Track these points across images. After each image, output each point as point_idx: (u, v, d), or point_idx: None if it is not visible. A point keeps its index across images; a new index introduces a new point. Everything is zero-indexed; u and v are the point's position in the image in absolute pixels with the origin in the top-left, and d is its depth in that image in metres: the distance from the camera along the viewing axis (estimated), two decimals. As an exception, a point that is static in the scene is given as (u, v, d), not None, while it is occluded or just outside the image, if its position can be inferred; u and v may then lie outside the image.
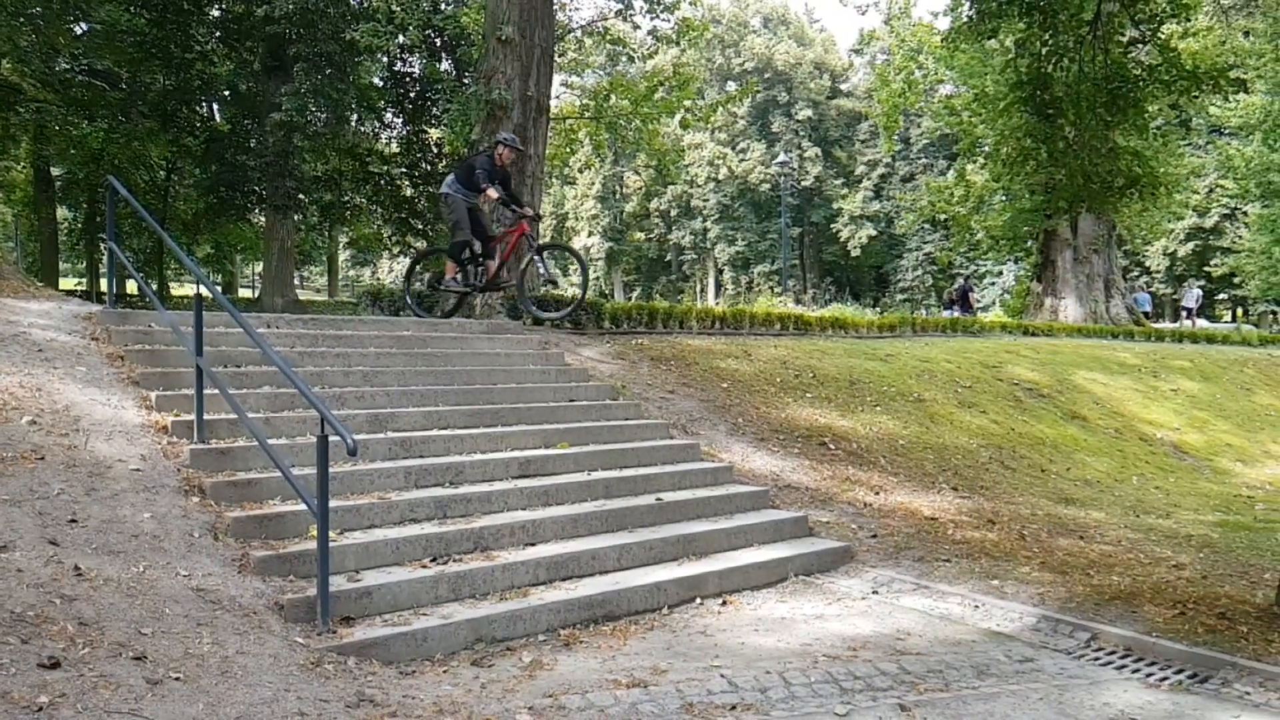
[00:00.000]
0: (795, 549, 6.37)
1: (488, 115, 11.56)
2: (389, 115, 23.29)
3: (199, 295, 5.93)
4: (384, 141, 24.10)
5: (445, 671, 4.32)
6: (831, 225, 59.07)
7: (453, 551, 5.30)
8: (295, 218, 21.75)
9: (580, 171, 46.34)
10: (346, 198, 22.67)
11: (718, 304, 46.45)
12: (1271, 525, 8.13)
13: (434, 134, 21.27)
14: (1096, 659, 4.74)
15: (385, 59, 21.21)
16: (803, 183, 58.35)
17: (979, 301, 31.70)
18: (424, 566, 5.09)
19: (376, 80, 22.24)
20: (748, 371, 10.70)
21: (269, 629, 4.20)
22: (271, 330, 7.80)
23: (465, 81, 17.33)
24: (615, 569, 5.57)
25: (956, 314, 23.08)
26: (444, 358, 8.23)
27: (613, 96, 17.51)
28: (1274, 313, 34.22)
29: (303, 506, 4.87)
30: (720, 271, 61.43)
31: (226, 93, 22.81)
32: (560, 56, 19.50)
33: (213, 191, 21.83)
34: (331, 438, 4.38)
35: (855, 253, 57.67)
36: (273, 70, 20.02)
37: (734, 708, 3.92)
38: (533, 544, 5.59)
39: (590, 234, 60.54)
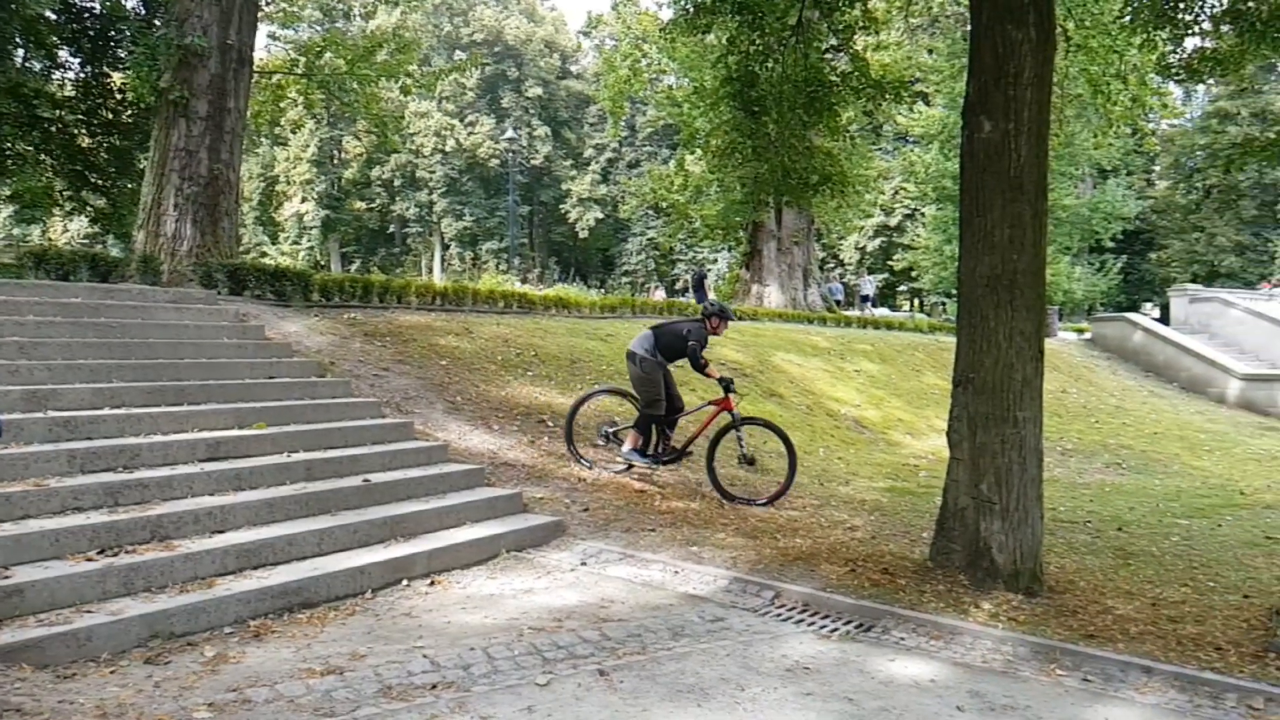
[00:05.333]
0: (508, 526, 6.38)
1: (180, 62, 10.50)
2: (63, 54, 20.44)
3: None
4: (56, 83, 21.14)
5: (113, 672, 3.92)
6: (560, 206, 59.73)
7: (125, 542, 4.80)
8: (-63, 164, 18.58)
9: (292, 132, 43.37)
10: (7, 145, 19.64)
11: (443, 280, 45.49)
12: (931, 490, 9.22)
13: (118, 78, 18.99)
14: (779, 615, 5.14)
15: (59, -12, 18.58)
16: (532, 161, 58.50)
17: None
18: (89, 559, 4.57)
19: (48, 13, 19.43)
20: (468, 349, 10.56)
21: (-118, 641, 3.58)
22: (-103, 292, 6.64)
23: (156, 23, 15.59)
24: (315, 554, 5.29)
25: (693, 299, 24.15)
26: (120, 329, 7.41)
27: (326, 54, 16.49)
28: (943, 304, 38.81)
29: (-69, 497, 4.19)
30: (447, 247, 60.21)
31: None
32: (268, 5, 18.11)
33: None
34: (-34, 417, 3.79)
35: (583, 234, 58.72)
36: (-92, -12, 16.91)
37: (434, 687, 3.86)
38: (221, 531, 5.18)
39: (304, 200, 56.95)
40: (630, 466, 8.40)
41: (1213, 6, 8.21)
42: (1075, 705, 3.99)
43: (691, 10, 9.77)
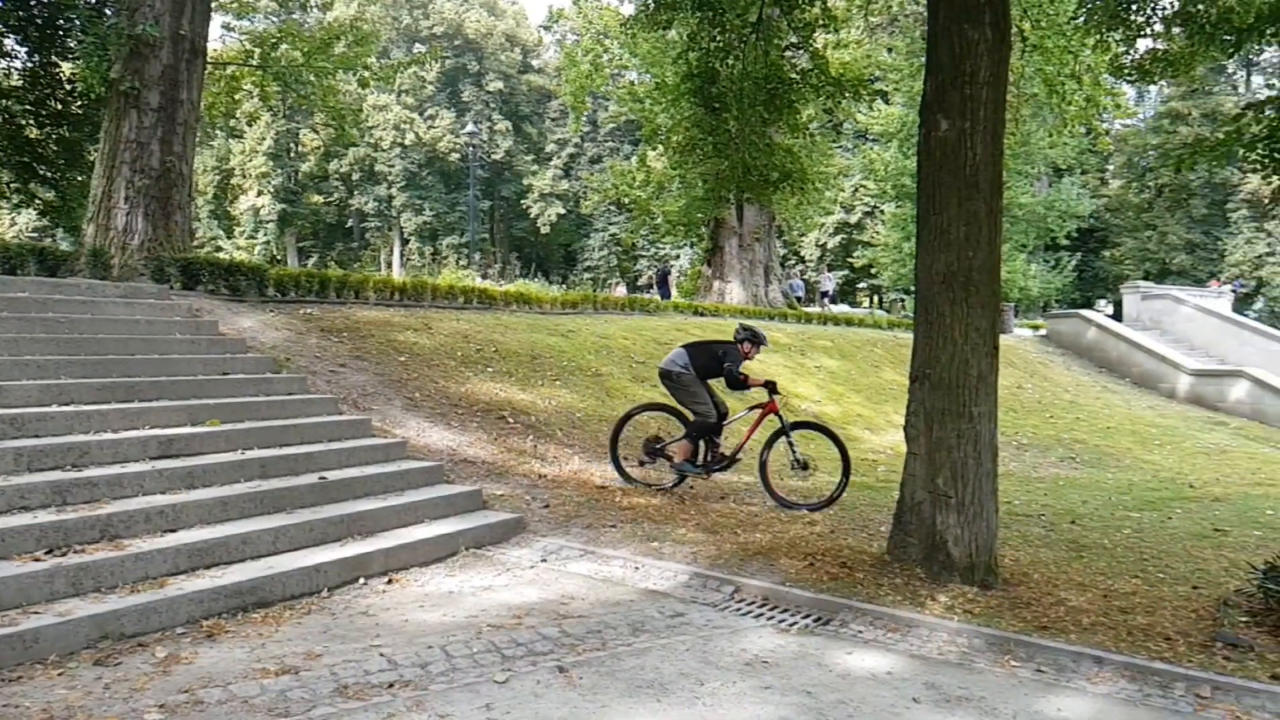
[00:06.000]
0: (467, 523, 6.34)
1: (131, 52, 10.28)
2: (9, 42, 19.91)
3: None
4: (3, 72, 20.59)
5: (61, 674, 3.84)
6: (522, 201, 59.39)
7: (74, 541, 4.70)
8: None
9: (248, 124, 42.57)
10: (-51, 136, 19.06)
11: (402, 275, 44.99)
12: (889, 484, 9.29)
13: (68, 68, 18.54)
14: (739, 609, 5.16)
15: (4, -26, 18.07)
16: (493, 156, 58.09)
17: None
18: (37, 560, 4.47)
19: (-8, -1, 18.89)
20: (428, 345, 10.48)
21: None
22: None
23: (106, 12, 15.25)
24: (270, 553, 5.21)
25: (656, 295, 24.17)
26: (70, 324, 7.24)
27: (282, 45, 16.22)
28: (902, 300, 39.16)
29: None
30: (406, 241, 59.60)
31: None
32: (223, -5, 17.80)
33: None
34: (-97, 414, 3.68)
35: (545, 230, 58.46)
36: None
37: (391, 685, 3.82)
38: (173, 530, 5.08)
39: (260, 193, 56.01)
40: (683, 478, 8.43)
41: (1164, 9, 8.38)
42: (1029, 696, 4.05)
43: (652, 6, 9.77)
